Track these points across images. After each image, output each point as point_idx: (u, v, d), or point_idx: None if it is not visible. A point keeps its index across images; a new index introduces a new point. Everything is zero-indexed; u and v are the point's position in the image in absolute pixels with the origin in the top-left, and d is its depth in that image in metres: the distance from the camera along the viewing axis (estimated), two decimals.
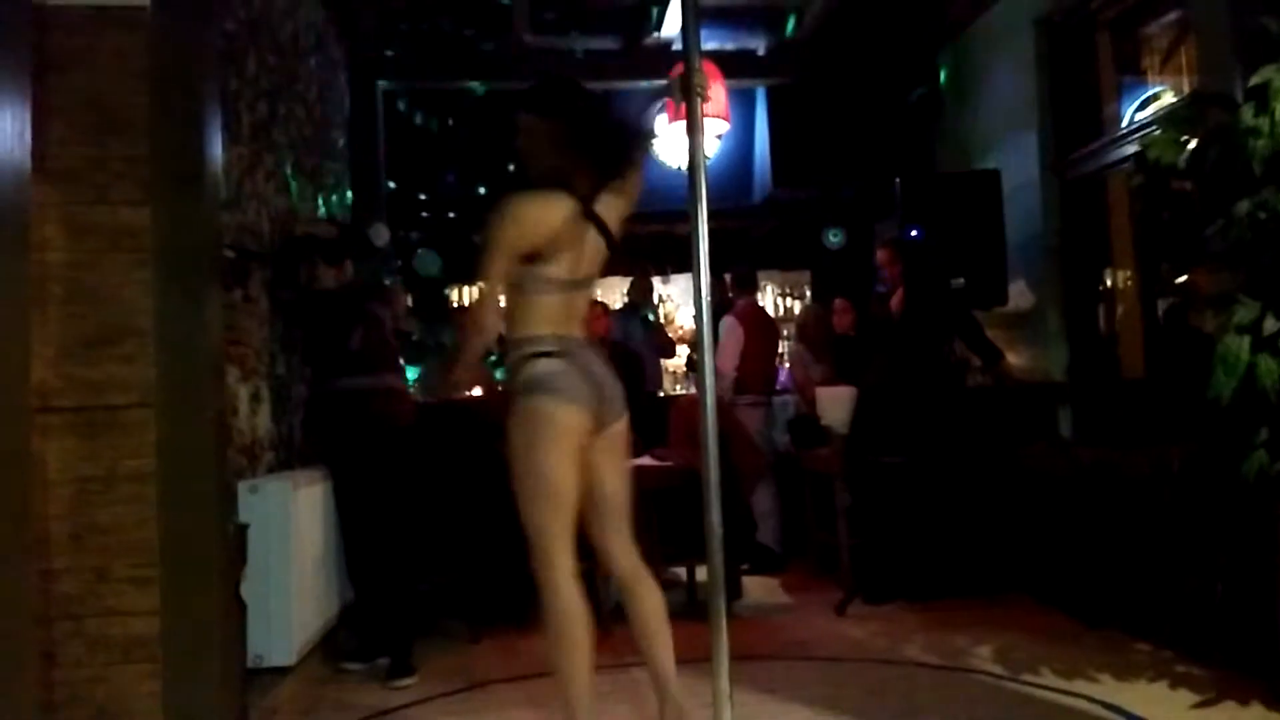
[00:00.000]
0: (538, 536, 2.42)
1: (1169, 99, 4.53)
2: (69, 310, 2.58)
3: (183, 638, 2.63)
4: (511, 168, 7.30)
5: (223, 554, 2.79)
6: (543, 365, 2.42)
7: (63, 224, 2.58)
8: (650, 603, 2.60)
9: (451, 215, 7.03)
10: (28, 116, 1.87)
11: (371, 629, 3.78)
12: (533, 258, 2.43)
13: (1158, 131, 3.33)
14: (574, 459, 2.42)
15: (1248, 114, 2.90)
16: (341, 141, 5.88)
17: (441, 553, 4.33)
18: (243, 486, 3.29)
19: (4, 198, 1.77)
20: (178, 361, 2.66)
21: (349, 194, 5.95)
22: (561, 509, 2.41)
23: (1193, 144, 3.12)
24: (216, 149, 2.86)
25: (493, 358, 5.88)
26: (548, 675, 3.35)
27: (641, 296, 6.52)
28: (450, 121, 7.14)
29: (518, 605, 2.55)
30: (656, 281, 7.29)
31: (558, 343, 2.44)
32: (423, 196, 7.12)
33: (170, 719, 2.60)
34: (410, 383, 4.84)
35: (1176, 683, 3.17)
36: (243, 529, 3.04)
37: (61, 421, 2.57)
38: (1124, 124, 4.84)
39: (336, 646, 3.87)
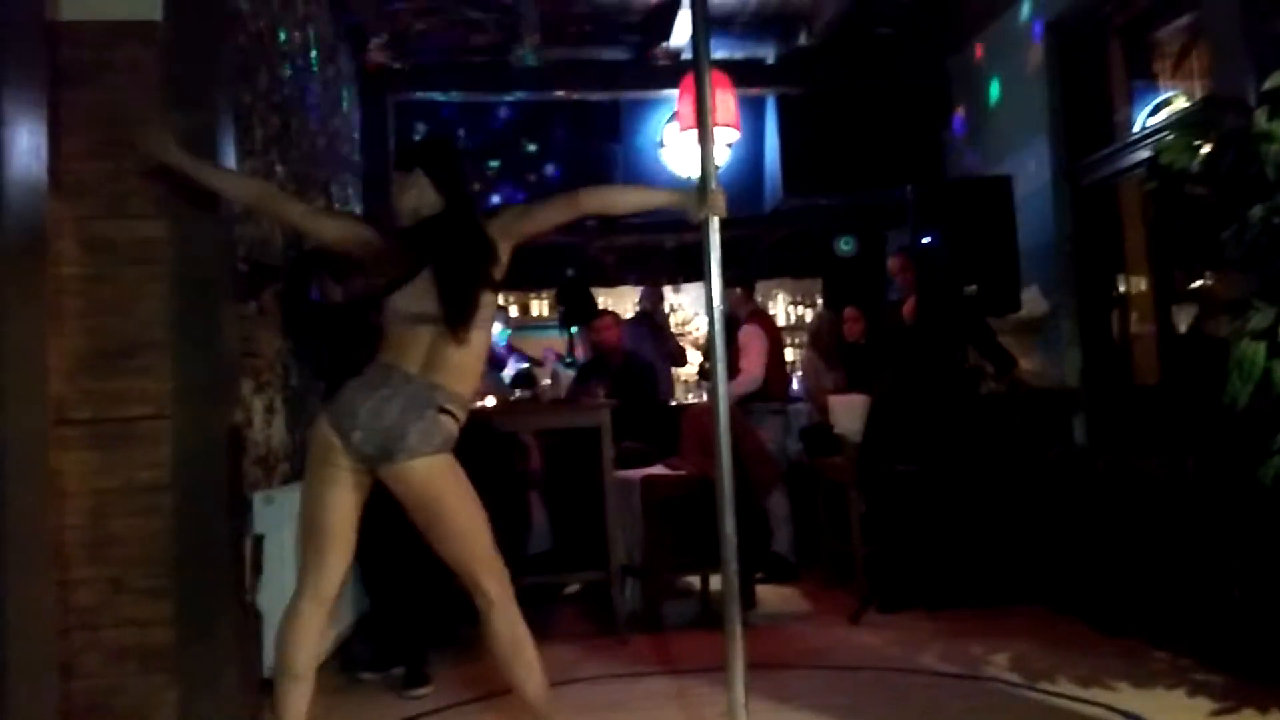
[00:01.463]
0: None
1: (1181, 104, 4.51)
2: (85, 323, 2.61)
3: (199, 648, 2.64)
4: (532, 177, 7.37)
5: (238, 564, 2.80)
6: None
7: (78, 238, 2.60)
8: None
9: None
10: (44, 131, 1.89)
11: (386, 638, 3.78)
12: None
13: (1170, 136, 3.31)
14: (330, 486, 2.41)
15: (1261, 118, 2.88)
16: (353, 154, 5.92)
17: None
18: (258, 497, 3.31)
19: (21, 212, 1.79)
20: (194, 374, 2.68)
21: (360, 207, 5.97)
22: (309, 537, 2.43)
23: (1206, 149, 3.10)
24: (231, 162, 2.88)
25: (509, 372, 5.90)
26: (561, 684, 3.35)
27: (652, 305, 6.51)
28: (460, 133, 7.18)
29: (533, 616, 2.54)
30: (667, 290, 7.29)
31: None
32: None
33: None
34: None
35: (1195, 690, 3.14)
36: (258, 539, 3.05)
37: (78, 434, 2.59)
38: (1136, 129, 4.82)
39: (351, 656, 3.87)
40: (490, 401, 4.75)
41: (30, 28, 1.91)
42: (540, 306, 8.33)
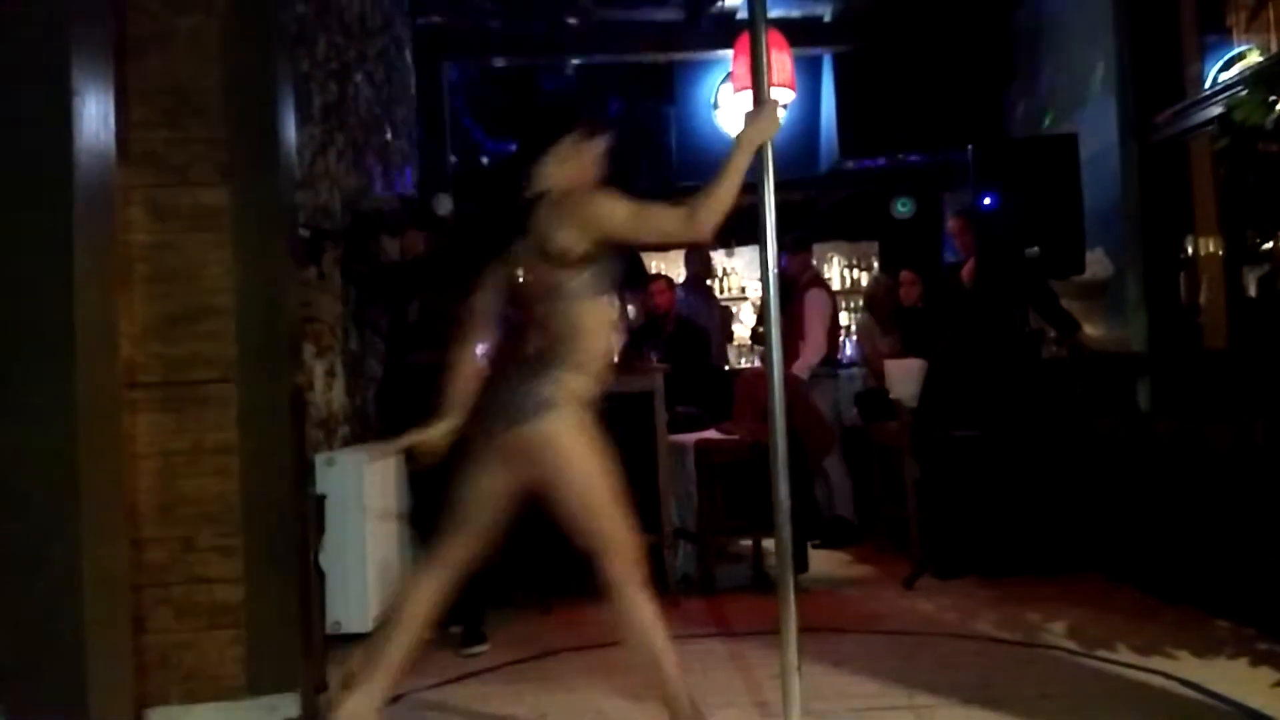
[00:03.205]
0: None
1: (1256, 58, 4.34)
2: (153, 289, 2.68)
3: (265, 605, 2.73)
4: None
5: (302, 524, 2.87)
6: None
7: (145, 206, 2.67)
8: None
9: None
10: (111, 101, 1.92)
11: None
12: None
13: (1244, 92, 3.20)
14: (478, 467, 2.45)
15: None
16: (408, 118, 5.95)
17: (512, 524, 4.39)
18: (320, 459, 3.39)
19: (91, 181, 1.83)
20: (257, 338, 2.74)
21: (416, 169, 6.02)
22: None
23: None
24: (291, 130, 2.91)
25: None
26: (616, 645, 3.40)
27: (703, 268, 6.45)
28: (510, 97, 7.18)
29: (588, 577, 2.57)
30: (720, 254, 7.23)
31: None
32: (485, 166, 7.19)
33: (253, 682, 2.71)
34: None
35: (1258, 660, 3.08)
36: (320, 500, 3.12)
37: (148, 397, 2.67)
38: (1207, 85, 4.65)
39: None
40: None
41: None
42: None
